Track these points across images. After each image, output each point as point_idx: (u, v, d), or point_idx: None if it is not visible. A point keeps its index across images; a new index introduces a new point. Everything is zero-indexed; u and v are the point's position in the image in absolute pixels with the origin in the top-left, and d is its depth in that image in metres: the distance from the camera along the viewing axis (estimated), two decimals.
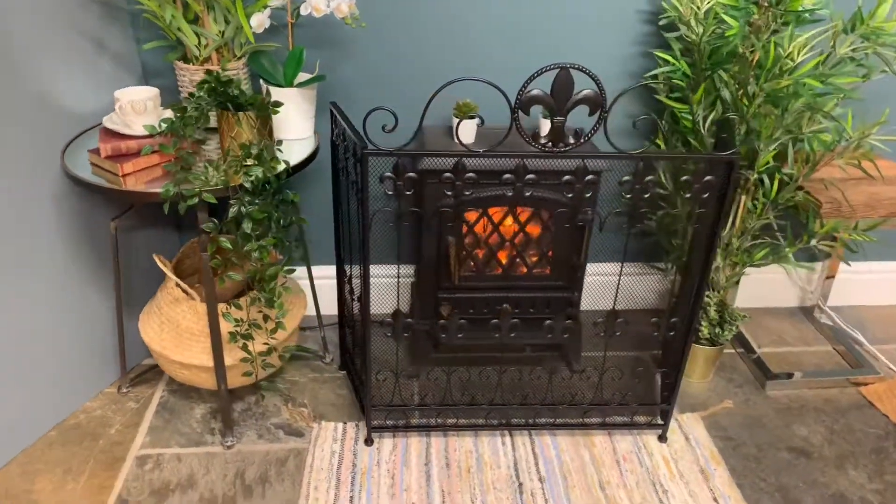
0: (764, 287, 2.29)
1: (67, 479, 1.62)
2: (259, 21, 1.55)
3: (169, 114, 1.45)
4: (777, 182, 1.77)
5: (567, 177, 1.42)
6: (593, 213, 1.75)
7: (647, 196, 1.44)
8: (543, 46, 1.86)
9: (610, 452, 1.74)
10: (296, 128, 1.66)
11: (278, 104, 1.47)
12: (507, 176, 1.41)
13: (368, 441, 1.74)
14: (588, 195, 1.60)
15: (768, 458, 1.75)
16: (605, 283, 2.20)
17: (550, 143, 1.38)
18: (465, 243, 1.77)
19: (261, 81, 1.64)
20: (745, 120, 1.63)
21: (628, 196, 1.43)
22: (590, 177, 1.42)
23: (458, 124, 1.72)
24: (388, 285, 1.97)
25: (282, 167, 1.48)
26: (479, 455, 1.72)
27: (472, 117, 1.74)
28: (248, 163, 1.42)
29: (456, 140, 1.76)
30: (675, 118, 1.80)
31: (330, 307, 2.11)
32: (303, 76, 1.66)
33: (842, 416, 1.89)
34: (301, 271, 1.99)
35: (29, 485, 1.61)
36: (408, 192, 1.41)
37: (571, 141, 1.38)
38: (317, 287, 2.03)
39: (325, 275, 2.09)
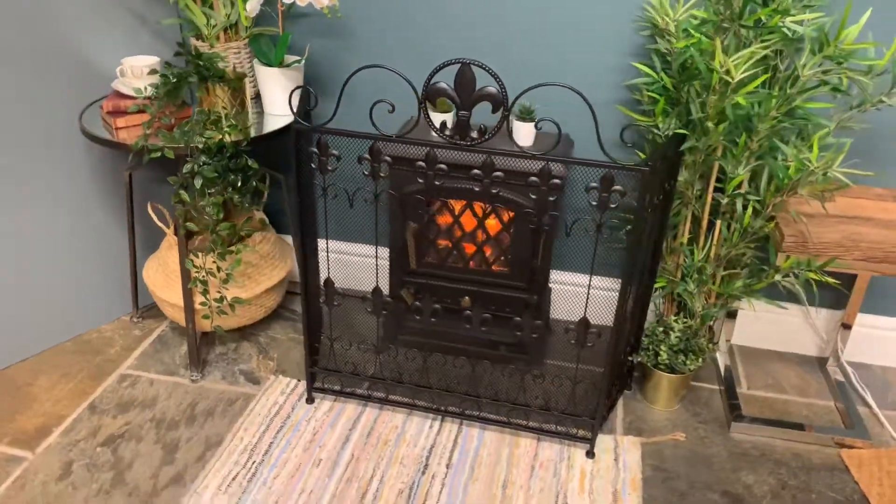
0: (781, 329, 2.12)
1: (61, 382, 1.93)
2: (252, 6, 1.74)
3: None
4: (750, 209, 1.67)
5: (475, 171, 1.46)
6: (551, 217, 1.77)
7: (553, 199, 1.44)
8: (539, 48, 1.88)
9: (530, 456, 1.74)
10: (281, 104, 1.84)
11: (241, 77, 1.65)
12: (419, 164, 1.49)
13: (309, 399, 1.88)
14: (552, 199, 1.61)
15: (695, 497, 1.65)
16: (595, 296, 2.16)
17: (457, 137, 1.43)
18: (418, 230, 1.85)
19: (254, 61, 1.83)
20: (703, 136, 1.57)
21: (534, 197, 1.45)
22: (497, 173, 1.45)
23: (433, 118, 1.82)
24: (359, 264, 2.09)
25: (238, 135, 1.66)
26: (403, 432, 1.80)
27: (446, 111, 1.82)
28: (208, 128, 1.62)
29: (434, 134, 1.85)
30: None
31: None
32: (291, 59, 1.83)
33: (805, 473, 1.73)
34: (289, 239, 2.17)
35: (32, 379, 1.93)
36: (330, 169, 1.53)
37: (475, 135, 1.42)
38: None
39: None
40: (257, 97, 1.91)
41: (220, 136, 1.61)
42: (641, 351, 1.86)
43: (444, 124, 1.43)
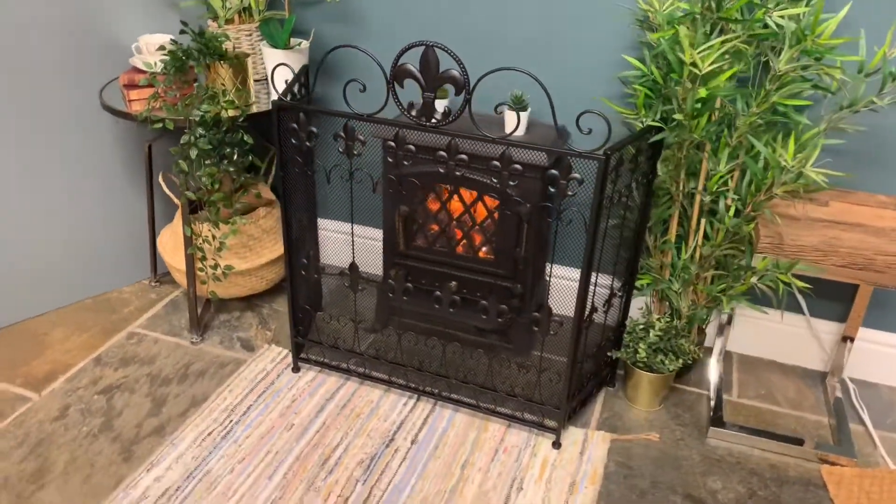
0: (785, 340, 2.04)
1: (74, 334, 2.08)
2: None
3: None
4: (733, 209, 1.63)
5: (441, 152, 1.50)
6: (532, 207, 1.78)
7: (514, 183, 1.46)
8: (539, 38, 1.89)
9: (496, 441, 1.76)
10: (282, 84, 1.92)
11: (240, 56, 1.75)
12: (389, 143, 1.54)
13: (295, 368, 1.96)
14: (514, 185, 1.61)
15: (656, 497, 1.63)
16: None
17: (424, 118, 1.47)
18: (406, 213, 1.89)
19: (262, 43, 1.93)
20: (681, 131, 1.54)
21: (495, 181, 1.47)
22: (462, 156, 1.48)
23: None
24: (360, 245, 2.15)
25: (234, 111, 1.76)
26: (377, 407, 1.85)
27: (442, 99, 1.86)
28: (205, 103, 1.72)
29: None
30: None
31: (334, 257, 2.36)
32: (297, 41, 1.92)
33: (778, 485, 1.67)
34: None
35: (49, 330, 2.10)
36: (308, 144, 1.60)
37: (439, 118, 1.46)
38: (325, 238, 2.28)
39: (331, 228, 2.34)
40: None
41: (217, 111, 1.71)
42: (623, 348, 1.84)
43: (411, 105, 1.47)
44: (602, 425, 1.83)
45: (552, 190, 1.42)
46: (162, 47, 1.75)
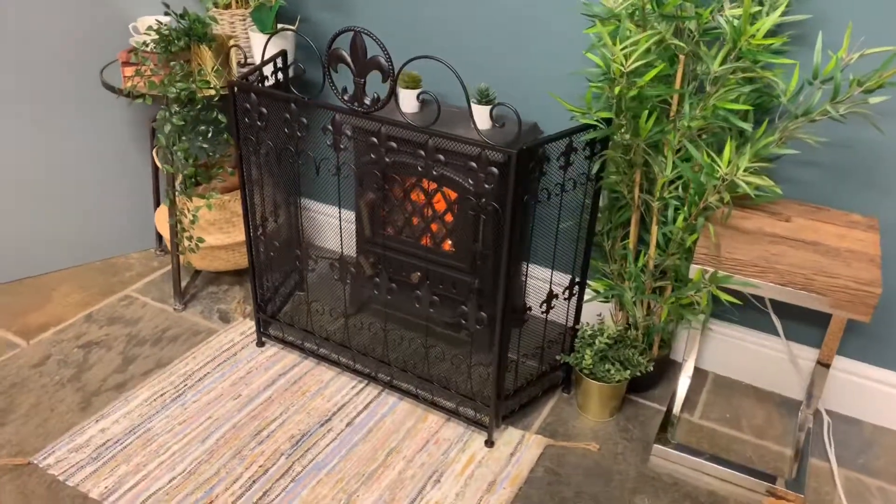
0: (767, 365, 1.92)
1: (76, 292, 2.24)
2: None
3: None
4: (681, 217, 1.56)
5: (372, 138, 1.51)
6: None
7: (436, 173, 1.46)
8: (520, 33, 1.87)
9: (430, 432, 1.76)
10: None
11: (219, 38, 1.83)
12: (328, 127, 1.57)
13: (259, 343, 2.03)
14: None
15: None
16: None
17: (356, 103, 1.49)
18: (371, 201, 1.92)
19: (251, 28, 2.01)
20: (614, 130, 1.49)
21: (419, 167, 1.47)
22: (391, 143, 1.49)
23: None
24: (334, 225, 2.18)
25: (209, 91, 1.84)
26: (325, 387, 1.89)
27: (414, 88, 1.87)
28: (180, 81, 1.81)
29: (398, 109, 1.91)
30: None
31: (326, 241, 2.42)
32: (282, 27, 1.98)
33: None
34: None
35: (56, 285, 2.27)
36: (259, 123, 1.66)
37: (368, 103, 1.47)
38: (324, 223, 2.35)
39: (323, 212, 2.40)
40: None
41: (191, 89, 1.80)
42: (573, 353, 1.79)
43: (345, 89, 1.50)
44: (543, 429, 1.79)
45: (470, 182, 1.41)
46: (150, 27, 1.86)
